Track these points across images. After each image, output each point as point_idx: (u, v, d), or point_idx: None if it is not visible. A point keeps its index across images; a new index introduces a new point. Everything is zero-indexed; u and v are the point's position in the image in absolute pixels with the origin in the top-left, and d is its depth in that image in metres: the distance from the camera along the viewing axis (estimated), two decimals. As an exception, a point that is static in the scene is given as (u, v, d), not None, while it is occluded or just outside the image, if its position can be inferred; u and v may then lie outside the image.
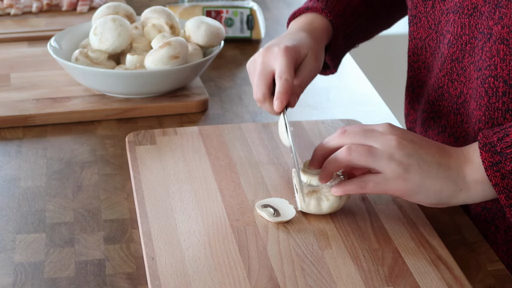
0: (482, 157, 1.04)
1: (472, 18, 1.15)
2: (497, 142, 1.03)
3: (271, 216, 1.12)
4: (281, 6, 1.99)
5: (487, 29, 1.12)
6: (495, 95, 1.12)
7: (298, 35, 1.24)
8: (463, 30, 1.16)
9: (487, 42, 1.12)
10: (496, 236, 1.18)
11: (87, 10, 1.87)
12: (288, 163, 1.26)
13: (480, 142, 1.04)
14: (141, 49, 1.52)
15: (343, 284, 1.01)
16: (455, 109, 1.21)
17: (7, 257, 1.10)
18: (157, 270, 1.03)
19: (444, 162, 1.05)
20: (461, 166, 1.05)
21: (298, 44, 1.21)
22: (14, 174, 1.28)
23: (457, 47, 1.18)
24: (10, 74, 1.57)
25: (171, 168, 1.24)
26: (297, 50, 1.20)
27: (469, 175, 1.05)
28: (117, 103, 1.46)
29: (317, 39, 1.26)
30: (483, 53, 1.13)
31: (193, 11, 1.77)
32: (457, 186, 1.05)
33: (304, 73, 1.21)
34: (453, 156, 1.06)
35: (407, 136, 1.07)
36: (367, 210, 1.15)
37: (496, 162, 1.03)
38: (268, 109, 1.19)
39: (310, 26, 1.27)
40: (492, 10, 1.11)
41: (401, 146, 1.05)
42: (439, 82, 1.22)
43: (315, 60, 1.23)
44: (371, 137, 1.07)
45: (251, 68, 1.23)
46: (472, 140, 1.17)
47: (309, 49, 1.22)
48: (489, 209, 1.18)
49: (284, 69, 1.17)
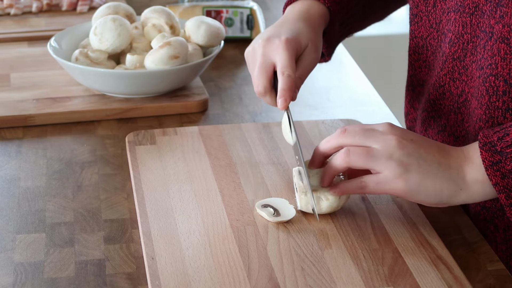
0: (482, 156, 1.04)
1: (474, 17, 1.15)
2: (497, 141, 1.03)
3: (271, 216, 1.12)
4: (281, 6, 1.99)
5: (488, 27, 1.12)
6: (496, 94, 1.12)
7: (297, 25, 1.22)
8: (464, 29, 1.16)
9: (488, 41, 1.12)
10: (495, 235, 1.18)
11: (87, 10, 1.87)
12: (288, 163, 1.26)
13: (480, 142, 1.04)
14: (141, 49, 1.52)
15: (343, 284, 1.01)
16: (455, 108, 1.21)
17: (7, 257, 1.10)
18: (157, 270, 1.03)
19: (444, 161, 1.05)
20: (461, 165, 1.05)
21: (298, 36, 1.20)
22: (14, 174, 1.28)
23: (458, 46, 1.18)
24: (10, 74, 1.57)
25: (171, 168, 1.24)
26: (297, 42, 1.19)
27: (469, 175, 1.05)
28: (117, 103, 1.46)
29: (315, 29, 1.24)
30: (484, 51, 1.13)
31: (193, 11, 1.77)
32: (457, 185, 1.05)
33: (305, 65, 1.20)
34: (453, 156, 1.06)
35: (407, 135, 1.07)
36: (367, 210, 1.15)
37: (496, 162, 1.03)
38: (269, 101, 1.18)
39: (307, 14, 1.25)
40: (493, 9, 1.11)
41: (401, 146, 1.05)
42: (440, 81, 1.22)
43: (315, 50, 1.21)
44: (371, 137, 1.07)
45: (250, 58, 1.21)
46: (472, 139, 1.17)
47: (309, 39, 1.21)
48: (488, 208, 1.18)
49: (286, 63, 1.16)
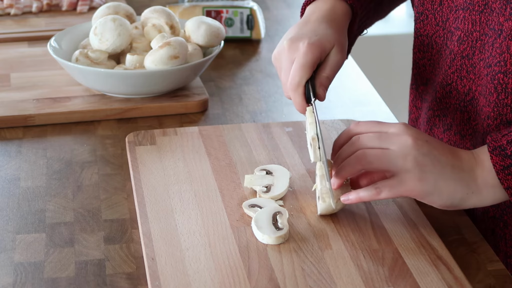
0: (493, 160, 1.04)
1: (483, 15, 1.15)
2: (507, 145, 1.03)
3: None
4: (281, 6, 1.99)
5: (497, 25, 1.12)
6: (504, 91, 1.12)
7: (321, 27, 1.21)
8: (473, 26, 1.16)
9: (497, 39, 1.12)
10: (504, 232, 1.19)
11: (87, 10, 1.87)
12: (288, 163, 1.26)
13: (489, 146, 1.05)
14: (141, 49, 1.52)
15: (343, 284, 1.01)
16: (462, 107, 1.21)
17: (7, 257, 1.10)
18: (157, 271, 1.03)
19: (457, 163, 1.06)
20: (472, 169, 1.06)
21: (322, 39, 1.19)
22: (14, 174, 1.28)
23: (467, 44, 1.18)
24: (10, 74, 1.57)
25: (171, 169, 1.24)
26: (321, 46, 1.18)
27: (481, 178, 1.05)
28: (117, 103, 1.46)
29: (340, 29, 1.23)
30: (493, 49, 1.13)
31: (193, 11, 1.77)
32: (469, 188, 1.05)
33: (331, 65, 1.19)
34: (465, 159, 1.07)
35: (422, 136, 1.07)
36: (367, 210, 1.15)
37: (508, 166, 1.03)
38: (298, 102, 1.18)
39: (332, 13, 1.24)
40: (503, 6, 1.11)
41: (417, 146, 1.06)
42: (447, 79, 1.22)
43: (341, 51, 1.20)
44: (386, 139, 1.07)
45: (276, 63, 1.21)
46: (480, 137, 1.17)
47: (334, 41, 1.19)
48: (497, 205, 1.19)
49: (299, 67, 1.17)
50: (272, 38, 1.80)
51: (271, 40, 1.79)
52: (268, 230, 1.08)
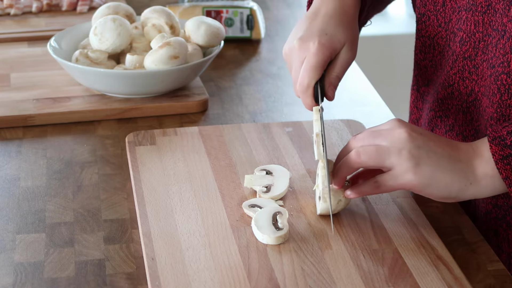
0: (492, 150, 1.04)
1: (486, 16, 1.14)
2: (507, 135, 1.03)
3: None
4: (281, 6, 1.99)
5: (501, 26, 1.12)
6: (507, 92, 1.12)
7: (331, 24, 1.20)
8: (476, 27, 1.16)
9: (500, 39, 1.12)
10: (507, 233, 1.18)
11: (87, 10, 1.87)
12: (288, 163, 1.26)
13: (489, 136, 1.05)
14: (141, 49, 1.52)
15: (343, 284, 1.01)
16: (464, 108, 1.21)
17: (7, 257, 1.10)
18: (157, 271, 1.03)
19: (454, 154, 1.05)
20: (470, 159, 1.05)
21: (333, 37, 1.18)
22: (14, 174, 1.28)
23: (470, 45, 1.18)
24: (10, 74, 1.57)
25: (171, 169, 1.24)
26: (331, 46, 1.18)
27: (479, 169, 1.05)
28: (117, 103, 1.46)
29: (351, 24, 1.22)
30: (496, 50, 1.13)
31: (193, 11, 1.77)
32: (467, 179, 1.05)
33: (341, 64, 1.19)
34: (463, 150, 1.06)
35: (416, 129, 1.07)
36: (367, 210, 1.15)
37: (507, 155, 1.03)
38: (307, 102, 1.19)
39: (341, 8, 1.22)
40: (506, 7, 1.11)
41: (411, 138, 1.05)
42: (449, 80, 1.22)
43: (351, 49, 1.20)
44: (379, 136, 1.07)
45: (288, 60, 1.21)
46: (483, 137, 1.17)
47: (345, 39, 1.19)
48: (500, 206, 1.18)
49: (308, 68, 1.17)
50: (272, 38, 1.80)
51: (271, 40, 1.79)
52: (268, 230, 1.08)
